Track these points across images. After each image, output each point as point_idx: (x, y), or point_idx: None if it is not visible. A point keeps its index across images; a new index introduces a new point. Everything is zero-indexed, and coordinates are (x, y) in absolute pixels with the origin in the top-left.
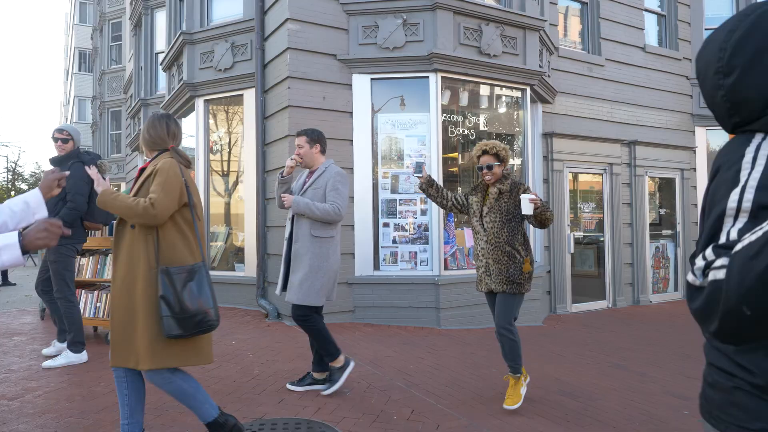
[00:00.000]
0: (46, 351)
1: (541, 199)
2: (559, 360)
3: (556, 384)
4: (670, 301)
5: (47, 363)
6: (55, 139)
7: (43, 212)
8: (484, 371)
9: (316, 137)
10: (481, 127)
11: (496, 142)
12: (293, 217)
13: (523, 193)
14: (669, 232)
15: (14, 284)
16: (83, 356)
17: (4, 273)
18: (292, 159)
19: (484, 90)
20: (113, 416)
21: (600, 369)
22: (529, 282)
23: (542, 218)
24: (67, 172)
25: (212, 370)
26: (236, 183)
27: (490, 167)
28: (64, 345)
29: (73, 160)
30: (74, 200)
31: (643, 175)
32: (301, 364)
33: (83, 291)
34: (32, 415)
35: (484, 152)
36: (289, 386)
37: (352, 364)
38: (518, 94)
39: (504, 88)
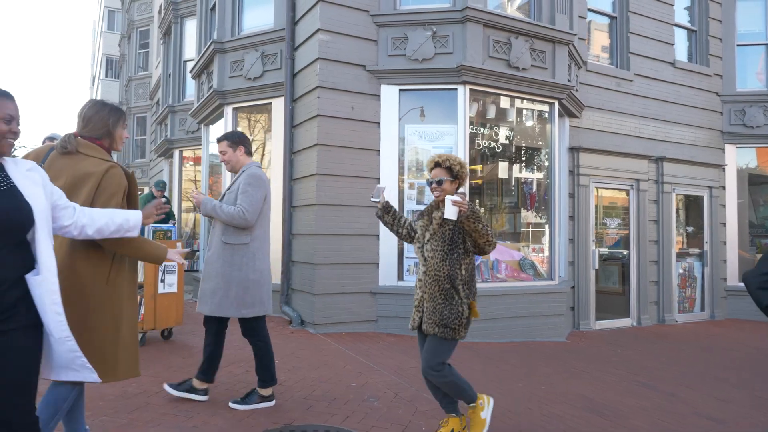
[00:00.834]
0: None
1: (470, 205)
2: (585, 377)
3: (583, 401)
4: (696, 322)
5: None
6: None
7: (135, 233)
8: (508, 385)
9: (237, 139)
10: (508, 140)
11: (452, 155)
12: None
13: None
14: (696, 250)
15: None
16: None
17: None
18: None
19: (512, 103)
20: (147, 416)
21: (627, 387)
22: (466, 328)
23: (472, 232)
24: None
25: (240, 374)
26: None
27: (440, 182)
28: None
29: None
30: None
31: (670, 192)
32: (326, 372)
33: None
34: None
35: (437, 165)
36: (167, 387)
37: (272, 403)
38: (546, 108)
39: (532, 102)
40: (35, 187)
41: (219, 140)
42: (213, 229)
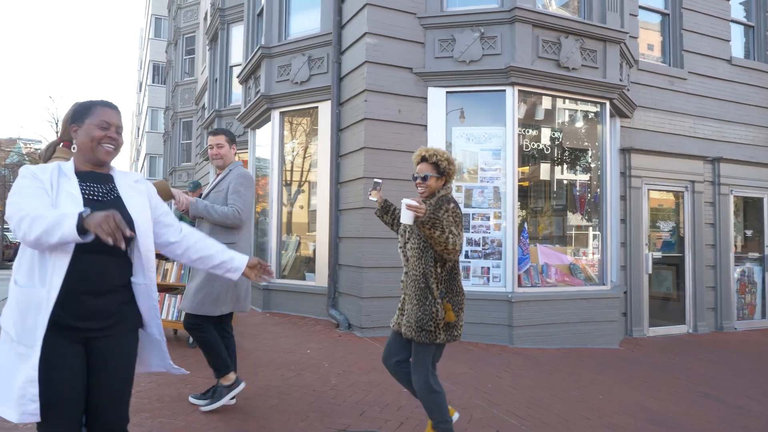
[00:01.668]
0: None
1: (428, 211)
2: (643, 386)
3: (644, 412)
4: (757, 329)
5: None
6: None
7: (235, 276)
8: (563, 393)
9: (233, 137)
10: (557, 142)
11: (440, 149)
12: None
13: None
14: (756, 255)
15: None
16: None
17: None
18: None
19: (562, 104)
20: (203, 419)
21: (689, 398)
22: (447, 331)
23: (428, 238)
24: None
25: (291, 378)
26: (308, 193)
27: (425, 178)
28: None
29: None
30: None
31: (727, 193)
32: (377, 376)
33: (167, 295)
34: None
35: (423, 159)
36: (191, 399)
37: (242, 386)
38: (596, 108)
39: (582, 102)
40: (140, 197)
41: (216, 133)
42: (198, 228)
